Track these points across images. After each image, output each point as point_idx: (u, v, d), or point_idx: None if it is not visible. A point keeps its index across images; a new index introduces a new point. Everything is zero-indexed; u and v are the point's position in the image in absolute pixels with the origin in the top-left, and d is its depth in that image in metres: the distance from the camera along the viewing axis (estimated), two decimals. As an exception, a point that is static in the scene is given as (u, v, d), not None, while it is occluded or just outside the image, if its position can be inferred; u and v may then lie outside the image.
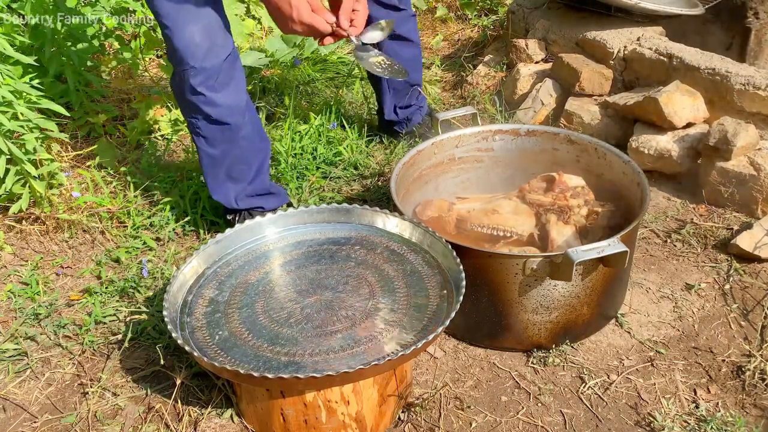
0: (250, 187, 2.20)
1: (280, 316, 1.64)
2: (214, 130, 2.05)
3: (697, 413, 1.69)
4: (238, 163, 2.14)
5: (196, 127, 2.06)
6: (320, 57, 3.36)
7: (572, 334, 1.86)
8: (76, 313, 2.04)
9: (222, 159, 2.11)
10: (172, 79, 2.03)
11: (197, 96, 1.98)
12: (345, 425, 1.58)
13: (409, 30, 2.51)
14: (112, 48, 3.20)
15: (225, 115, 2.03)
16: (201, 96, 1.98)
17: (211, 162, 2.12)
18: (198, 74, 1.94)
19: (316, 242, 1.87)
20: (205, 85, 1.96)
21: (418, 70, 2.67)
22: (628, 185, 2.01)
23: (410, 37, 2.52)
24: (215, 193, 2.18)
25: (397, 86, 2.60)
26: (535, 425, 1.69)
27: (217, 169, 2.14)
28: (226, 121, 2.04)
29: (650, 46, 2.61)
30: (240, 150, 2.11)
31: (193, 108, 2.01)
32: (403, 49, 2.50)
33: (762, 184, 2.24)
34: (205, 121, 2.03)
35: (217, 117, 2.02)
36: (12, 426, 1.72)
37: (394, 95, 2.63)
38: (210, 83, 1.97)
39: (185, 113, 2.06)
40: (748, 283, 2.07)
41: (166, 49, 1.98)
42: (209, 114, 2.01)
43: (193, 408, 1.72)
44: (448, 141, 2.20)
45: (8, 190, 2.26)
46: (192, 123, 2.06)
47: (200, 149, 2.10)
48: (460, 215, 2.04)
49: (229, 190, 2.18)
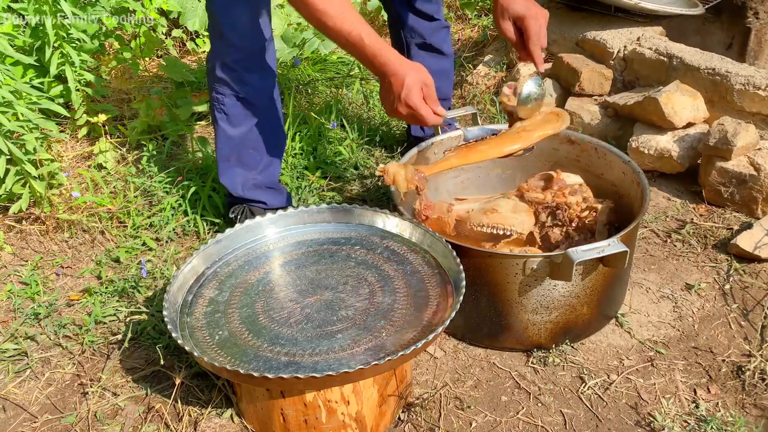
0: (260, 177, 2.20)
1: (280, 316, 1.64)
2: (238, 108, 2.06)
3: (697, 413, 1.69)
4: (252, 148, 2.14)
5: (221, 104, 2.07)
6: (320, 57, 3.36)
7: (572, 334, 1.86)
8: (76, 313, 2.04)
9: (238, 141, 2.11)
10: (209, 53, 2.05)
11: (231, 72, 2.00)
12: (345, 425, 1.58)
13: (441, 40, 2.46)
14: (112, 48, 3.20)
15: (253, 95, 2.05)
16: (234, 72, 2.00)
17: (227, 143, 2.12)
18: (238, 51, 1.97)
19: (316, 242, 1.87)
20: (241, 63, 1.99)
21: (449, 84, 2.59)
22: (628, 185, 2.01)
23: (442, 49, 2.47)
24: (223, 176, 2.19)
25: None
26: (535, 425, 1.69)
27: (230, 151, 2.14)
28: (252, 101, 2.06)
29: (650, 46, 2.61)
30: (257, 135, 2.12)
31: (223, 83, 2.03)
32: (433, 61, 2.44)
33: (762, 184, 2.24)
34: (232, 98, 2.05)
35: (245, 95, 2.04)
36: (12, 426, 1.72)
37: None
38: (246, 63, 2.00)
39: (212, 89, 2.07)
40: (748, 283, 2.07)
41: (209, 24, 2.00)
42: (238, 91, 2.03)
43: (193, 408, 1.72)
44: (448, 141, 2.19)
45: (8, 190, 2.26)
46: (217, 99, 2.07)
47: (219, 128, 2.11)
48: (459, 216, 2.04)
49: (237, 176, 2.18)
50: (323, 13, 1.68)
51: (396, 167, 1.80)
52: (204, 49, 3.51)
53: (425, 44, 2.42)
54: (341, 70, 3.31)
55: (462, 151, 1.86)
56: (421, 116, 1.73)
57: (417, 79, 1.70)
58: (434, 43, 2.44)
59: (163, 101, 2.89)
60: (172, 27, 3.52)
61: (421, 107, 1.72)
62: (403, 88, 1.70)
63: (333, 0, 1.68)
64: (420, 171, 1.79)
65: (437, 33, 2.44)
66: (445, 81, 2.54)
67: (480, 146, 1.86)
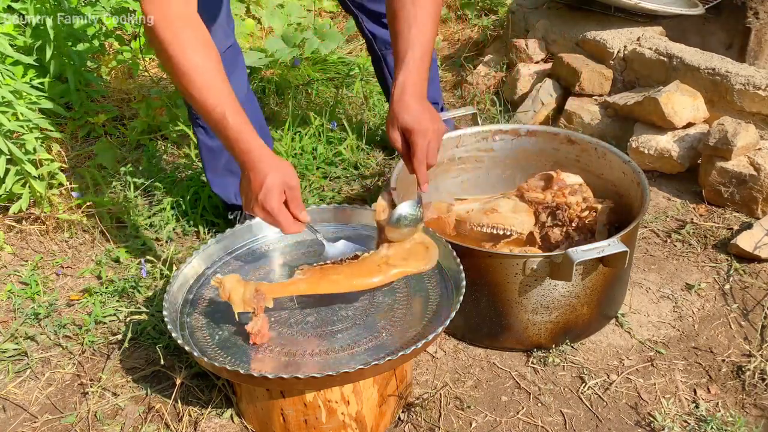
0: None
1: (280, 316, 1.64)
2: None
3: (697, 413, 1.69)
4: None
5: (196, 117, 2.06)
6: (320, 57, 3.36)
7: (572, 334, 1.86)
8: (76, 313, 2.04)
9: (219, 151, 2.11)
10: None
11: None
12: (345, 425, 1.58)
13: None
14: (112, 48, 3.20)
15: None
16: None
17: (210, 154, 2.12)
18: None
19: (316, 242, 1.86)
20: None
21: (435, 88, 2.50)
22: (628, 185, 2.01)
23: None
24: (214, 185, 2.18)
25: None
26: (535, 425, 1.69)
27: (215, 162, 2.13)
28: None
29: (650, 46, 2.61)
30: None
31: None
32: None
33: (762, 184, 2.24)
34: None
35: None
36: (12, 426, 1.72)
37: None
38: None
39: (187, 104, 2.06)
40: (748, 283, 2.07)
41: None
42: None
43: (193, 408, 1.72)
44: (448, 141, 2.19)
45: (8, 190, 2.26)
46: (192, 113, 2.06)
47: (199, 140, 2.11)
48: (459, 216, 2.04)
49: (228, 184, 2.18)
50: (187, 78, 1.46)
51: (234, 282, 1.54)
52: (204, 49, 3.51)
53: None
54: (341, 70, 3.31)
55: (314, 277, 1.58)
56: (279, 223, 1.51)
57: (278, 180, 1.48)
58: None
59: (163, 101, 2.89)
60: (172, 27, 3.52)
61: (280, 213, 1.50)
62: (262, 189, 1.48)
63: (200, 64, 1.46)
64: (260, 292, 1.53)
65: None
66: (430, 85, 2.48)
67: (333, 275, 1.59)
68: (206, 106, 1.47)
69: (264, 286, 1.55)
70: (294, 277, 1.59)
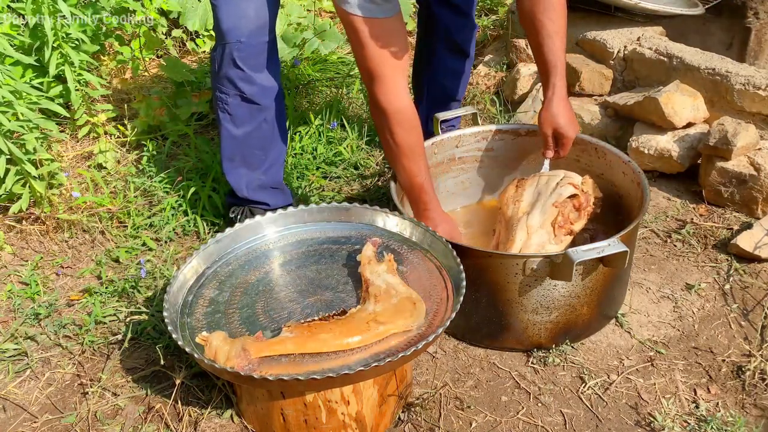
0: (264, 177, 2.19)
1: (280, 316, 1.64)
2: (242, 108, 2.05)
3: (697, 413, 1.69)
4: (256, 148, 2.13)
5: (224, 104, 2.06)
6: (320, 57, 3.36)
7: (572, 334, 1.86)
8: (76, 313, 2.04)
9: (242, 141, 2.11)
10: (213, 51, 2.03)
11: (237, 71, 1.98)
12: (345, 425, 1.58)
13: (466, 40, 2.40)
14: (112, 48, 3.20)
15: (258, 95, 2.04)
16: (240, 71, 1.98)
17: (232, 142, 2.11)
18: (243, 49, 1.96)
19: (316, 241, 1.87)
20: (247, 62, 1.98)
21: (463, 86, 2.52)
22: (628, 185, 2.01)
23: (465, 49, 2.41)
24: (229, 174, 2.18)
25: (436, 95, 2.48)
26: (535, 425, 1.69)
27: (234, 151, 2.13)
28: (257, 102, 2.04)
29: (650, 46, 2.61)
30: (260, 135, 2.11)
31: (229, 82, 2.01)
32: (453, 60, 2.41)
33: (762, 184, 2.24)
34: (236, 98, 2.04)
35: (250, 95, 2.03)
36: (12, 426, 1.72)
37: (430, 105, 2.48)
38: (252, 61, 1.98)
39: (217, 88, 2.06)
40: (748, 283, 2.07)
41: (213, 20, 1.99)
42: (243, 91, 2.02)
43: (193, 408, 1.72)
44: (448, 141, 2.20)
45: (8, 190, 2.26)
46: (221, 99, 2.06)
47: (223, 127, 2.10)
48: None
49: (241, 175, 2.18)
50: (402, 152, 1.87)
51: (220, 341, 1.52)
52: (204, 49, 3.51)
53: (450, 39, 2.36)
54: (341, 70, 3.30)
55: (302, 335, 1.54)
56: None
57: (446, 233, 1.86)
58: (459, 41, 2.38)
59: (163, 101, 2.88)
60: (172, 27, 3.52)
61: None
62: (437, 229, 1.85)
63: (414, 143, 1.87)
64: (247, 351, 1.49)
65: (464, 31, 2.38)
66: (458, 81, 2.49)
67: (321, 333, 1.54)
68: (411, 171, 1.88)
69: (250, 345, 1.50)
70: (282, 335, 1.54)
